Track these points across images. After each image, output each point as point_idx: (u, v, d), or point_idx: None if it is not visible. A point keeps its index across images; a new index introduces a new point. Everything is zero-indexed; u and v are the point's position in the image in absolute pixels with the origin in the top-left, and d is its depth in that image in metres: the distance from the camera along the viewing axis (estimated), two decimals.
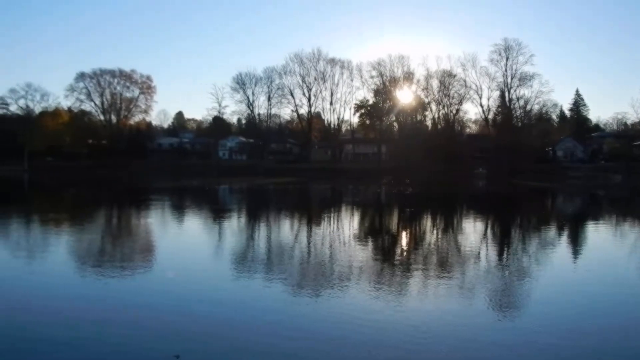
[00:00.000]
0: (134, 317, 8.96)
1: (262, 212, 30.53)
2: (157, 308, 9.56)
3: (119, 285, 11.40)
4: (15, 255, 15.55)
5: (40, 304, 9.93)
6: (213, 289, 11.16)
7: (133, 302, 9.92)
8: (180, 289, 11.04)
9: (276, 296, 10.49)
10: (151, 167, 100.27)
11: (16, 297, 10.44)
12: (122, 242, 18.86)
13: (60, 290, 11.06)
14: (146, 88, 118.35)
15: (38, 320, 8.87)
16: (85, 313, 9.18)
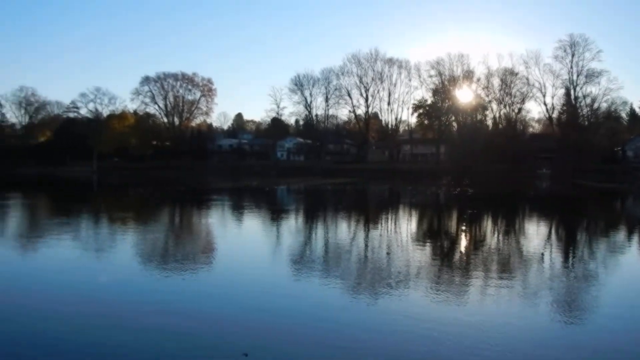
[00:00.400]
0: (202, 315, 9.31)
1: (320, 213, 30.89)
2: (222, 305, 9.92)
3: (185, 282, 11.93)
4: (88, 253, 16.58)
5: (108, 298, 10.50)
6: (275, 288, 11.48)
7: (199, 300, 10.33)
8: (242, 288, 11.47)
9: (337, 296, 10.69)
10: (212, 168, 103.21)
11: (86, 293, 11.09)
12: (186, 241, 19.64)
13: (128, 287, 11.66)
14: (207, 91, 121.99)
15: (104, 313, 9.41)
16: (152, 309, 9.64)
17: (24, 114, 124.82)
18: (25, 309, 9.64)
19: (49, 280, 12.16)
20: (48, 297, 10.62)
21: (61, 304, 10.02)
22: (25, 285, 11.74)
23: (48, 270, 13.32)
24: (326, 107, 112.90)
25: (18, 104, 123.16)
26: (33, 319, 8.99)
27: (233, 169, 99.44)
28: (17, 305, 10.01)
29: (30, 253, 16.30)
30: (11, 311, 9.52)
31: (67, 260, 14.58)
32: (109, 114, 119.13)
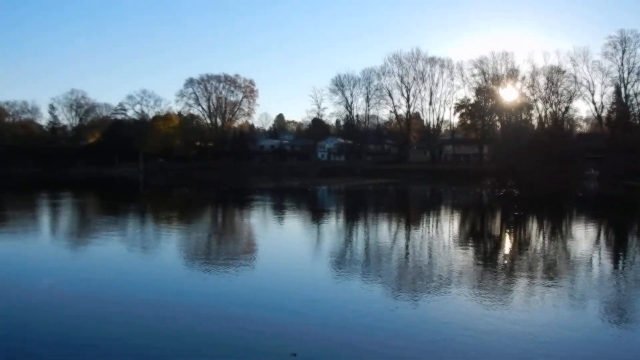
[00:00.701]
0: (249, 317, 9.43)
1: (362, 214, 30.89)
2: (267, 306, 9.99)
3: (231, 283, 12.19)
4: (134, 252, 17.17)
5: (153, 298, 10.79)
6: (320, 290, 11.59)
7: (246, 302, 10.48)
8: (287, 289, 11.63)
9: (379, 298, 10.70)
10: (253, 168, 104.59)
11: (132, 293, 11.45)
12: (230, 242, 20.01)
13: (173, 288, 11.92)
14: (249, 92, 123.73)
15: (159, 314, 9.67)
16: (198, 310, 9.82)
17: (75, 116, 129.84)
18: (72, 310, 9.99)
19: (92, 279, 12.53)
20: (91, 297, 10.91)
21: (107, 303, 10.32)
22: (71, 285, 12.15)
23: (95, 269, 13.80)
24: (367, 108, 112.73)
25: (69, 106, 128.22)
26: (83, 320, 9.29)
27: (274, 170, 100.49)
28: (61, 306, 10.35)
29: (81, 251, 17.00)
30: (55, 313, 9.81)
31: (113, 260, 15.13)
32: (155, 115, 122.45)
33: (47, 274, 12.82)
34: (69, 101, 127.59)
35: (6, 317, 9.13)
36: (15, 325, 8.67)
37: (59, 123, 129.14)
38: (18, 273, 13.20)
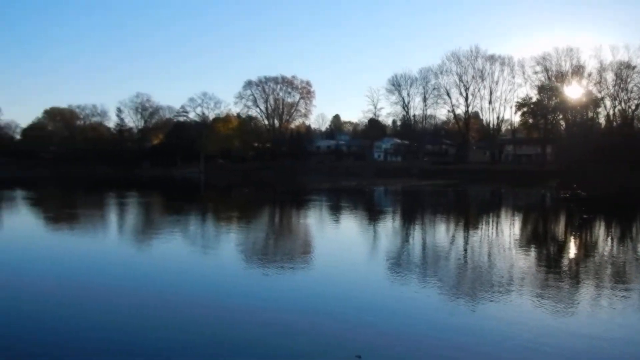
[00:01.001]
0: (313, 314, 9.60)
1: (419, 215, 30.58)
2: (325, 310, 10.01)
3: (293, 281, 12.44)
4: (195, 251, 17.77)
5: (211, 299, 11.00)
6: (382, 290, 11.61)
7: (310, 299, 10.67)
8: (349, 288, 11.72)
9: (437, 304, 10.56)
10: (310, 169, 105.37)
11: (194, 292, 11.83)
12: (287, 242, 20.30)
13: (230, 288, 12.21)
14: (306, 93, 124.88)
15: (218, 317, 9.88)
16: (263, 306, 10.06)
17: (140, 119, 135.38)
18: (135, 310, 10.46)
19: (155, 278, 13.05)
20: (151, 296, 11.23)
21: (168, 303, 10.66)
22: (131, 284, 12.71)
23: (156, 268, 14.37)
24: (424, 107, 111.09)
25: (135, 109, 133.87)
26: (146, 319, 9.73)
27: (330, 170, 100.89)
28: (122, 305, 10.87)
29: (144, 250, 17.78)
30: (119, 312, 10.21)
31: (173, 259, 15.71)
32: (215, 117, 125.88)
33: (110, 272, 13.51)
34: (135, 104, 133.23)
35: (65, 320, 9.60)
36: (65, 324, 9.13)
37: (126, 125, 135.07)
38: (84, 270, 13.85)
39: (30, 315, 9.41)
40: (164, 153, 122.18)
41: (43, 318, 9.24)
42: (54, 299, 10.59)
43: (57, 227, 23.74)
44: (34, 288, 11.62)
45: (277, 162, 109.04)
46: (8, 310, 9.64)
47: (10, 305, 10.09)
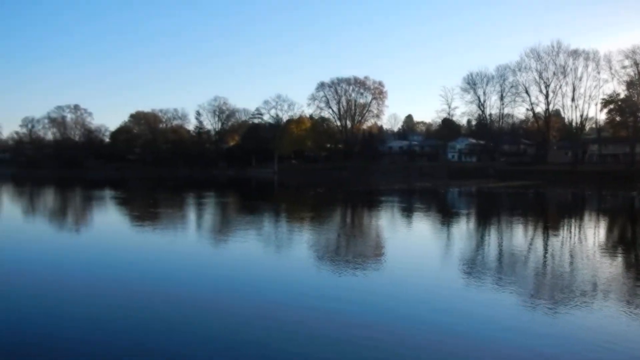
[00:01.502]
0: (377, 322, 9.46)
1: (495, 217, 29.63)
2: (396, 314, 9.93)
3: (359, 288, 12.43)
4: (268, 250, 18.20)
5: (282, 300, 11.27)
6: (450, 298, 11.37)
7: (372, 307, 10.54)
8: (415, 296, 11.52)
9: (513, 312, 10.19)
10: (382, 169, 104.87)
11: (263, 292, 12.10)
12: (359, 243, 20.28)
13: (301, 289, 12.45)
14: (378, 93, 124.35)
15: (292, 318, 10.09)
16: (325, 314, 10.00)
17: (217, 121, 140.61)
18: (207, 310, 10.91)
19: (225, 278, 13.38)
20: (226, 296, 11.58)
21: (239, 304, 10.96)
22: (208, 283, 13.23)
23: (231, 268, 14.85)
24: (501, 106, 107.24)
25: (213, 112, 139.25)
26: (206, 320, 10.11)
27: (403, 171, 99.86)
28: (191, 307, 11.32)
29: (221, 249, 18.47)
30: (188, 314, 10.75)
31: (247, 258, 16.20)
32: (288, 119, 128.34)
33: (186, 271, 14.15)
34: (213, 107, 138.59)
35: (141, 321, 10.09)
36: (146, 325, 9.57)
37: (204, 128, 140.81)
38: (161, 270, 14.53)
39: (122, 314, 10.05)
40: (239, 154, 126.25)
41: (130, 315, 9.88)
42: (132, 302, 11.22)
43: (140, 226, 25.15)
44: (117, 290, 12.34)
45: (349, 162, 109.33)
46: (88, 310, 10.18)
47: (92, 305, 10.76)
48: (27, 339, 8.20)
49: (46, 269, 13.89)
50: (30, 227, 24.89)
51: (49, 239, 20.46)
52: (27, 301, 10.55)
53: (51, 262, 14.99)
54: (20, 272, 13.48)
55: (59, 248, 17.92)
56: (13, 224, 25.90)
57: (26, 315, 9.49)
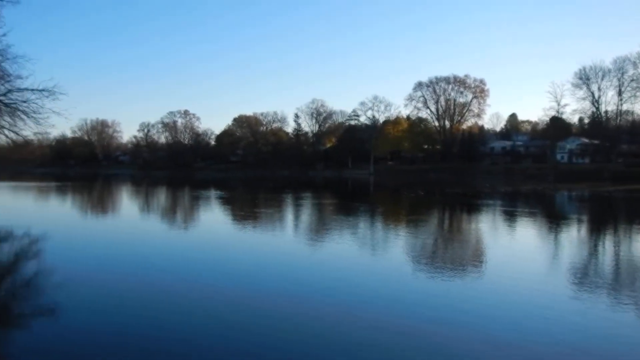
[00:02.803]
0: (485, 332, 9.09)
1: (611, 224, 27.14)
2: (498, 325, 9.43)
3: (457, 295, 11.84)
4: (364, 251, 17.92)
5: (385, 305, 10.93)
6: (562, 308, 10.49)
7: (471, 316, 10.07)
8: (518, 306, 10.74)
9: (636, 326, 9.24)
10: (482, 171, 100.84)
11: (355, 296, 11.86)
12: (457, 247, 19.41)
13: (400, 293, 12.06)
14: (479, 92, 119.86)
15: (394, 329, 9.85)
16: (420, 324, 9.73)
17: (315, 123, 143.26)
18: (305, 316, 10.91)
19: (321, 279, 13.35)
20: (319, 299, 11.50)
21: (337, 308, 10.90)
22: (301, 284, 13.27)
23: (326, 268, 14.82)
24: (619, 102, 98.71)
25: (310, 114, 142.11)
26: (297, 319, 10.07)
27: (505, 172, 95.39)
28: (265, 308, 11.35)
29: (315, 249, 18.51)
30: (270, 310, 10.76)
31: (342, 260, 16.07)
32: (385, 120, 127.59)
33: (282, 270, 14.29)
34: (310, 109, 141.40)
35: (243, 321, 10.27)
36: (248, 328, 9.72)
37: (302, 130, 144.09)
38: (255, 269, 14.83)
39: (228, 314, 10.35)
40: (336, 155, 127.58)
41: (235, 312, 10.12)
42: (232, 301, 11.51)
43: (241, 225, 26.04)
44: (218, 289, 12.74)
45: (448, 164, 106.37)
46: (193, 312, 10.61)
47: (194, 307, 11.15)
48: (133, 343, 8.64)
49: (144, 270, 14.50)
50: (142, 224, 26.64)
51: (156, 236, 21.73)
52: (132, 304, 11.19)
53: (148, 261, 15.85)
54: (117, 269, 14.40)
55: (164, 245, 18.96)
56: (129, 221, 27.93)
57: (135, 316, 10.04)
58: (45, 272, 13.25)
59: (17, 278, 12.89)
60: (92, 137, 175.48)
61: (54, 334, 8.47)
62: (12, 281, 12.58)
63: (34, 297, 10.90)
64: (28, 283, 12.10)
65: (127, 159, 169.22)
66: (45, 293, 11.13)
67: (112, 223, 27.16)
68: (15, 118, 27.43)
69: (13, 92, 27.01)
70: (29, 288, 11.63)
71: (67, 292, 11.08)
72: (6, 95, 27.02)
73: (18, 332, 8.72)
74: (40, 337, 8.30)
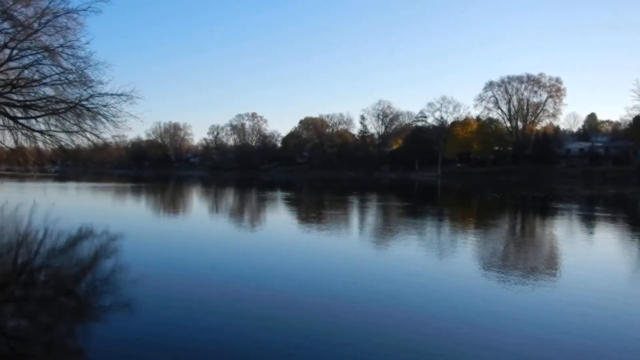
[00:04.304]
0: (557, 344, 8.49)
1: None
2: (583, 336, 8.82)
3: (530, 306, 11.17)
4: (430, 255, 17.33)
5: (453, 313, 10.48)
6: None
7: (544, 330, 9.45)
8: (603, 323, 9.96)
9: None
10: (558, 173, 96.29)
11: (418, 301, 11.42)
12: (532, 254, 18.41)
13: (465, 299, 11.56)
14: (555, 91, 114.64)
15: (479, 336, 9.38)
16: (525, 340, 9.20)
17: (381, 125, 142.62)
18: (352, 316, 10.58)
19: (385, 283, 13.01)
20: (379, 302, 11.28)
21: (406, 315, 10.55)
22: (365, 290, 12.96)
23: (392, 271, 14.44)
24: None
25: (376, 116, 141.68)
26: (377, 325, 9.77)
27: (583, 175, 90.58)
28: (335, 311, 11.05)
29: (380, 250, 18.13)
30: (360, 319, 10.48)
31: (409, 262, 15.60)
32: (453, 121, 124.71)
33: (347, 272, 14.02)
34: (377, 111, 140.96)
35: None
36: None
37: (368, 131, 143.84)
38: (319, 271, 14.64)
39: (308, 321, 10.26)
40: (402, 157, 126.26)
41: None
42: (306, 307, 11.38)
43: (311, 227, 26.04)
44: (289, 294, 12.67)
45: (520, 166, 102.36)
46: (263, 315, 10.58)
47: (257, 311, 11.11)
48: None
49: (213, 269, 14.72)
50: (214, 224, 27.27)
51: (227, 236, 22.12)
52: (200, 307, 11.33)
53: (218, 261, 16.07)
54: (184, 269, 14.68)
55: (234, 247, 19.24)
56: (201, 221, 28.71)
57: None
58: (121, 268, 13.73)
59: (96, 274, 13.43)
60: (165, 139, 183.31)
61: (129, 327, 8.71)
62: (92, 277, 13.11)
63: (112, 292, 11.27)
64: (106, 279, 12.55)
65: (198, 160, 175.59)
66: (121, 289, 11.48)
67: (185, 223, 27.99)
68: (96, 122, 28.91)
69: (95, 97, 28.48)
70: (107, 284, 12.06)
71: (141, 288, 11.39)
72: (88, 100, 28.52)
73: (98, 325, 9.00)
74: (117, 330, 8.54)
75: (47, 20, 26.55)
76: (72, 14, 26.74)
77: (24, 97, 28.85)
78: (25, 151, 30.47)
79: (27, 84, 28.39)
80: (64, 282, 12.50)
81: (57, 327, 9.11)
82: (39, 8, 26.56)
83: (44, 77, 28.22)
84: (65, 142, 29.96)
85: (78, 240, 18.79)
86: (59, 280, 12.69)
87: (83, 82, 28.01)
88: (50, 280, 12.73)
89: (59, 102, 28.81)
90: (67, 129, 29.34)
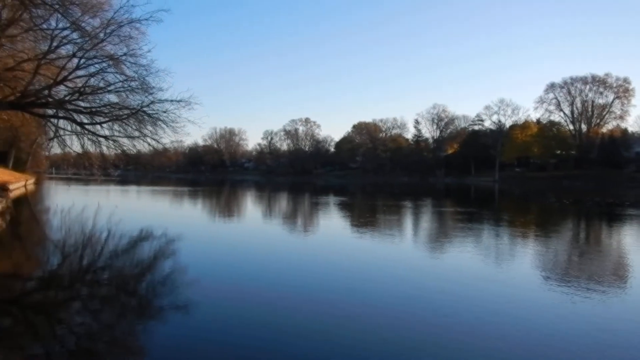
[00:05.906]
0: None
1: None
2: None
3: (596, 319, 10.54)
4: (487, 263, 16.68)
5: (514, 324, 10.05)
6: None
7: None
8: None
9: None
10: (627, 178, 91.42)
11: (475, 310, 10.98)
12: (597, 263, 17.46)
13: (522, 310, 11.03)
14: (622, 92, 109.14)
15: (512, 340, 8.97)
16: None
17: (436, 129, 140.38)
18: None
19: (438, 291, 12.63)
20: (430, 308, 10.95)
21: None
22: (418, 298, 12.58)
23: (448, 278, 13.99)
24: None
25: (431, 120, 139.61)
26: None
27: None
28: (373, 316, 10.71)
29: (435, 258, 17.64)
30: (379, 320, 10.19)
31: (462, 270, 15.08)
32: (512, 124, 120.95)
33: (402, 280, 13.71)
34: (431, 115, 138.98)
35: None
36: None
37: (422, 136, 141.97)
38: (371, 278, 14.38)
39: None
40: (457, 162, 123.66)
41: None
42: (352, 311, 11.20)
43: (360, 231, 25.83)
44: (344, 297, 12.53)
45: (584, 170, 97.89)
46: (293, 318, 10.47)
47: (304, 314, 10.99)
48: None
49: (268, 273, 14.75)
50: (269, 228, 27.52)
51: (282, 241, 22.22)
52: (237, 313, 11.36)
53: (273, 264, 16.11)
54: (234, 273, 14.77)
55: (289, 251, 19.29)
56: (256, 225, 29.05)
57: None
58: (179, 270, 14.02)
59: (155, 275, 13.77)
60: (220, 144, 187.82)
61: (187, 327, 8.84)
62: (152, 278, 13.45)
63: (170, 293, 11.50)
64: (165, 280, 12.84)
65: (252, 165, 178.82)
66: (179, 290, 11.70)
67: (240, 226, 28.39)
68: (156, 127, 29.96)
69: (155, 103, 29.51)
70: (165, 284, 12.33)
71: (198, 289, 11.56)
72: (149, 106, 29.59)
73: (157, 325, 9.18)
74: (176, 330, 8.68)
75: (112, 30, 27.78)
76: (135, 24, 27.90)
77: (89, 104, 30.29)
78: (90, 155, 31.94)
79: (93, 91, 29.78)
80: (126, 281, 12.91)
81: (119, 325, 9.38)
82: (104, 19, 27.86)
83: (109, 84, 29.53)
84: (127, 146, 31.24)
85: (139, 242, 19.41)
86: (121, 280, 13.11)
87: (144, 89, 29.12)
88: (113, 279, 13.16)
89: (122, 108, 30.06)
90: (129, 134, 30.56)
